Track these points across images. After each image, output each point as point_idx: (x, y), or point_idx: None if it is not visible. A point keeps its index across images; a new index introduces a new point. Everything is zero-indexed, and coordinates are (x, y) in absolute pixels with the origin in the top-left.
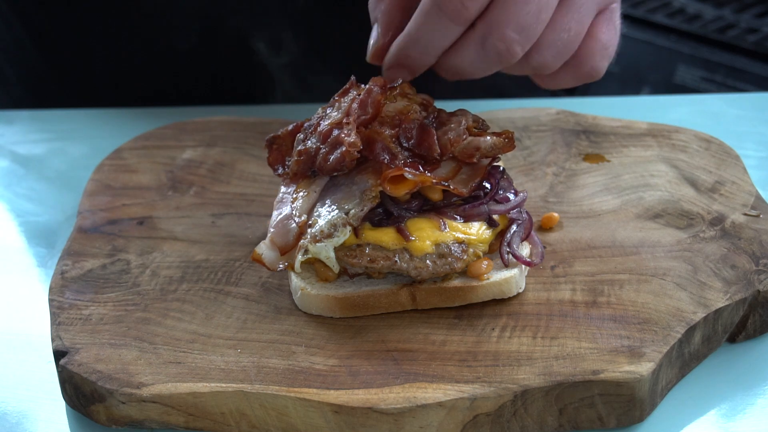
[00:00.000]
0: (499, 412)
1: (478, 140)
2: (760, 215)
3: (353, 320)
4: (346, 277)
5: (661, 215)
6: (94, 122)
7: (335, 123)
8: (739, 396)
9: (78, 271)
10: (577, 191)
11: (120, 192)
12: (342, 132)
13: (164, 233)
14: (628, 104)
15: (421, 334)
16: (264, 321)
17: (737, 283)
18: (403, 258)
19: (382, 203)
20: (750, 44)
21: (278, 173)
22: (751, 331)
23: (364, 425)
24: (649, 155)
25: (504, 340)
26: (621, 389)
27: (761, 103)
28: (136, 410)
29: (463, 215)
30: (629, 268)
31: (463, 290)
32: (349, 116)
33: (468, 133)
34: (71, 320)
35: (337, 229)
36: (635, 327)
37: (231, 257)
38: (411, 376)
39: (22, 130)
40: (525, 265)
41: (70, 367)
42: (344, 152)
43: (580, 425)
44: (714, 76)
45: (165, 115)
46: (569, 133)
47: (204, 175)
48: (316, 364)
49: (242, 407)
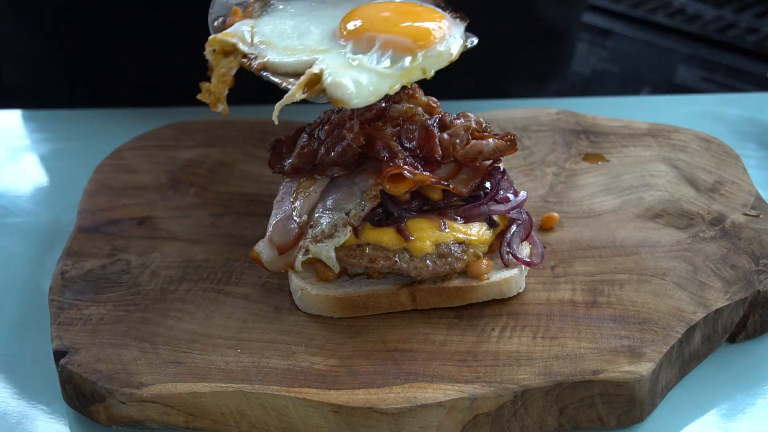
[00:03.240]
0: (499, 412)
1: (481, 144)
2: (760, 215)
3: (353, 320)
4: (346, 277)
5: (661, 215)
6: (94, 122)
7: (340, 119)
8: (739, 396)
9: (78, 271)
10: (577, 191)
11: (120, 192)
12: (344, 128)
13: (164, 233)
14: (628, 104)
15: (421, 334)
16: (264, 321)
17: (737, 283)
18: (403, 258)
19: (383, 203)
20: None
21: (276, 170)
22: (751, 331)
23: (364, 425)
24: (649, 155)
25: (504, 340)
26: (621, 389)
27: (761, 103)
28: (136, 410)
29: (463, 215)
30: (629, 268)
31: (463, 290)
32: (354, 113)
33: (471, 136)
34: (71, 320)
35: (338, 229)
36: (635, 327)
37: (231, 257)
38: (411, 376)
39: (23, 130)
40: (525, 265)
41: (70, 367)
42: (346, 146)
43: (580, 425)
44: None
45: (165, 115)
46: (569, 133)
47: (204, 175)
48: (316, 364)
49: (242, 407)
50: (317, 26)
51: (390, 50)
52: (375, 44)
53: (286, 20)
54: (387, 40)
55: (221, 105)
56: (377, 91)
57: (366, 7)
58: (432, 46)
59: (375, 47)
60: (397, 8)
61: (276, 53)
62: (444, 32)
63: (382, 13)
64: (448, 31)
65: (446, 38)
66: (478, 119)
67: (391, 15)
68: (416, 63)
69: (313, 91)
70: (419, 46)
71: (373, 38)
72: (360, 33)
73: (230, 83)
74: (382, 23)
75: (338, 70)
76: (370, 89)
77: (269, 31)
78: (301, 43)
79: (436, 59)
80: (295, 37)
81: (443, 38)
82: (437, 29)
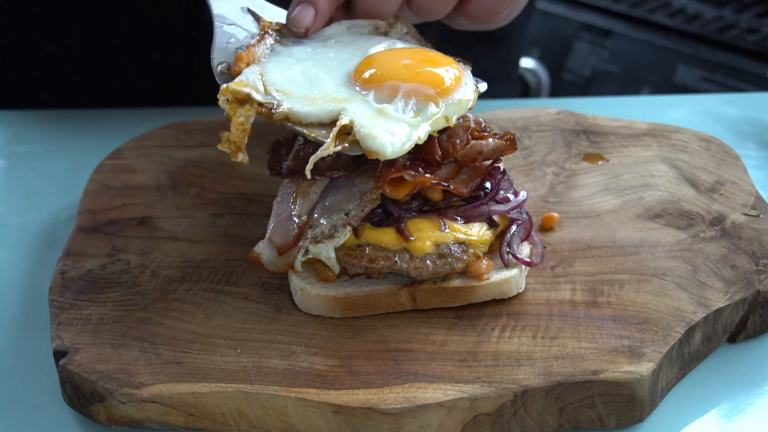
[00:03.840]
0: (499, 412)
1: (480, 144)
2: (760, 215)
3: (353, 320)
4: (346, 277)
5: (661, 215)
6: (94, 122)
7: None
8: (739, 396)
9: (78, 271)
10: (577, 191)
11: (120, 192)
12: None
13: (164, 233)
14: (628, 104)
15: (421, 334)
16: (264, 321)
17: (737, 283)
18: (403, 258)
19: (383, 204)
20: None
21: (273, 172)
22: (751, 331)
23: (364, 425)
24: (649, 155)
25: (504, 340)
26: (621, 389)
27: (761, 103)
28: (136, 410)
29: (463, 216)
30: (629, 268)
31: (463, 290)
32: None
33: (470, 136)
34: (71, 320)
35: (338, 229)
36: (635, 327)
37: (231, 257)
38: (411, 376)
39: (22, 130)
40: (525, 265)
41: (70, 367)
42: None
43: (580, 425)
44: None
45: (165, 115)
46: (569, 133)
47: (204, 175)
48: (316, 364)
49: (242, 407)
50: (327, 73)
51: (413, 99)
52: (398, 93)
53: (292, 66)
54: (410, 89)
55: (242, 154)
56: (409, 141)
57: (382, 55)
58: (451, 94)
59: (398, 96)
60: (413, 55)
61: (295, 102)
62: (460, 79)
63: (401, 60)
64: (462, 77)
65: (462, 85)
66: (477, 119)
67: (410, 62)
68: (440, 111)
69: (345, 142)
70: (441, 94)
71: (396, 87)
72: (381, 81)
73: (249, 132)
74: (403, 71)
75: (368, 121)
76: (402, 140)
77: (280, 79)
78: (318, 91)
79: (457, 106)
80: (309, 85)
81: (460, 85)
82: (454, 77)
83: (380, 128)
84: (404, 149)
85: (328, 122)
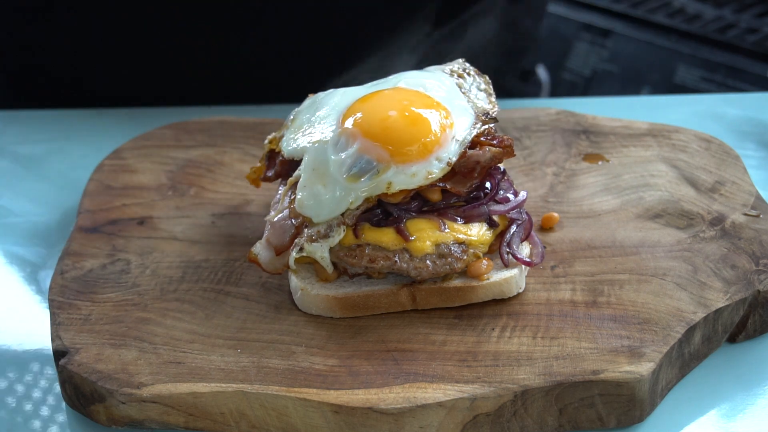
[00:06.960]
0: (499, 412)
1: (477, 154)
2: (760, 215)
3: (353, 320)
4: (346, 277)
5: (661, 215)
6: (94, 122)
7: None
8: (739, 396)
9: (78, 271)
10: (577, 191)
11: (120, 192)
12: None
13: (164, 233)
14: (628, 104)
15: (421, 334)
16: (264, 321)
17: (737, 283)
18: (403, 258)
19: (382, 204)
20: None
21: (263, 177)
22: (751, 331)
23: (364, 425)
24: (649, 155)
25: (504, 340)
26: (621, 389)
27: (761, 103)
28: (136, 410)
29: (463, 216)
30: (629, 268)
31: (463, 290)
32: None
33: (472, 143)
34: (71, 320)
35: (333, 229)
36: (635, 327)
37: (231, 257)
38: (411, 376)
39: (22, 130)
40: (525, 265)
41: (70, 367)
42: None
43: (580, 425)
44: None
45: (165, 115)
46: (569, 133)
47: (204, 175)
48: (316, 364)
49: (242, 407)
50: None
51: (365, 157)
52: (353, 146)
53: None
54: (366, 146)
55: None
56: (335, 211)
57: (375, 98)
58: (409, 163)
59: (353, 149)
60: (401, 106)
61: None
62: (434, 145)
63: (386, 110)
64: (444, 139)
65: (441, 148)
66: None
67: (392, 114)
68: (384, 178)
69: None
70: (397, 160)
71: (353, 138)
72: (345, 129)
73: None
74: (372, 122)
75: (307, 181)
76: (327, 212)
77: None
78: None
79: (408, 179)
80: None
81: (431, 151)
82: (432, 138)
83: (311, 196)
84: (328, 218)
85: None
